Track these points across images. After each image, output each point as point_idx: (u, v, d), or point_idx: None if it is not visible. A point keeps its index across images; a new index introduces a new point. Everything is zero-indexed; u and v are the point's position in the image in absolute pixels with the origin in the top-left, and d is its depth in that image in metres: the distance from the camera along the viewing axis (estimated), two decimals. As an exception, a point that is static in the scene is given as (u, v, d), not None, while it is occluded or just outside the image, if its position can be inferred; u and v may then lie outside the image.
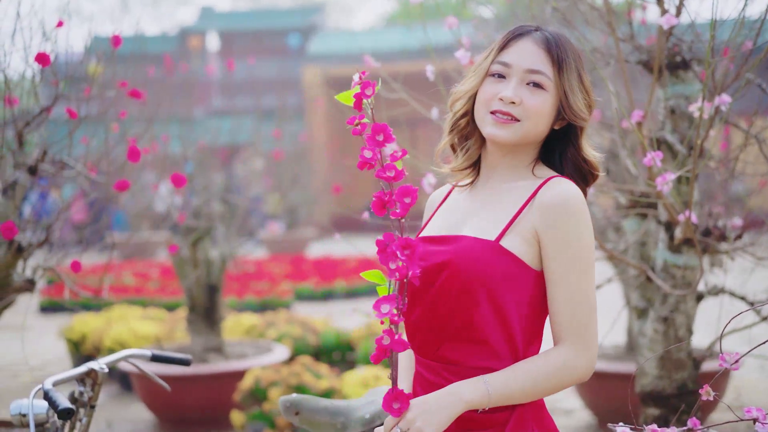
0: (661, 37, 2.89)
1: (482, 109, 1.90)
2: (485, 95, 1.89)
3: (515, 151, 1.93)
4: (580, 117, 1.90)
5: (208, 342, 6.19)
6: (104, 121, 4.36)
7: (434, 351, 1.87)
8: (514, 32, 1.92)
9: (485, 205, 1.93)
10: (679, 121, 3.22)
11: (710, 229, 3.28)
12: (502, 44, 1.91)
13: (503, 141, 1.88)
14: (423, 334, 1.88)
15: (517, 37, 1.90)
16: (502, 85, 1.88)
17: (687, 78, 3.22)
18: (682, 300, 3.29)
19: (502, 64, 1.89)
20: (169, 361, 2.61)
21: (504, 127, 1.87)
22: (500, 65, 1.89)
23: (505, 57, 1.89)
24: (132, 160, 3.34)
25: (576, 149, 1.94)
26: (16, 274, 3.64)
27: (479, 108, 1.91)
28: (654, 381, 3.35)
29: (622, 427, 1.98)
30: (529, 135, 1.89)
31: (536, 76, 1.87)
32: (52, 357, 8.54)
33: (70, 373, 2.32)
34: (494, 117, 1.87)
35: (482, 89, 1.90)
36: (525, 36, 1.90)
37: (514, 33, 1.92)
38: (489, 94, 1.89)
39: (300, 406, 2.26)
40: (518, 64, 1.88)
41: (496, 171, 1.95)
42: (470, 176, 2.00)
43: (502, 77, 1.89)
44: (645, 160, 2.60)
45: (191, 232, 6.15)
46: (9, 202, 3.63)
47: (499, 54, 1.90)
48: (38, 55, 3.46)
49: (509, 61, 1.88)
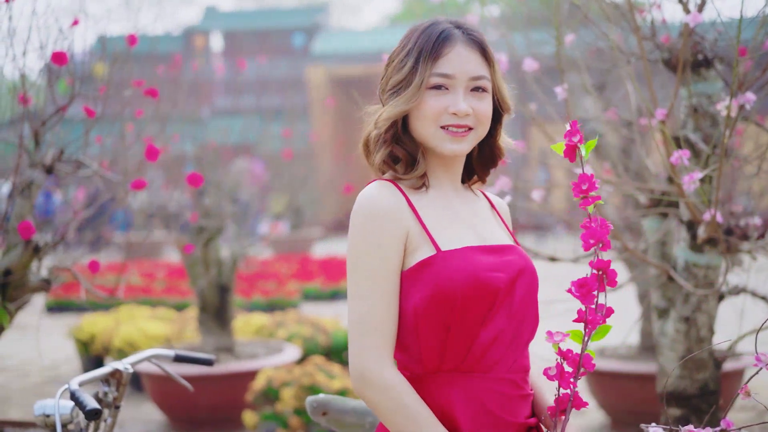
0: (685, 35, 2.87)
1: (430, 125, 1.82)
2: (432, 110, 1.81)
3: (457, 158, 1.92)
4: (509, 106, 1.92)
5: (219, 342, 6.17)
6: (117, 121, 4.35)
7: (512, 363, 1.82)
8: (440, 38, 1.81)
9: (474, 213, 1.92)
10: (702, 120, 3.19)
11: (732, 228, 3.26)
12: (434, 54, 1.81)
13: (462, 153, 1.86)
14: (504, 348, 1.80)
15: (446, 43, 1.81)
16: (447, 97, 1.81)
17: (709, 76, 3.20)
18: (704, 300, 3.27)
19: (443, 76, 1.81)
20: (192, 362, 2.59)
21: (462, 140, 1.84)
22: (441, 77, 1.81)
23: (444, 68, 1.81)
24: (150, 159, 3.33)
25: (495, 138, 1.95)
26: (31, 274, 3.62)
27: (425, 124, 1.82)
28: (676, 381, 3.33)
29: (655, 428, 1.97)
30: (480, 139, 1.89)
31: (480, 81, 1.84)
32: (60, 357, 8.53)
33: (95, 374, 2.31)
34: (448, 132, 1.82)
35: (425, 104, 1.81)
36: (454, 40, 1.82)
37: (440, 39, 1.81)
38: (435, 108, 1.81)
39: (328, 407, 2.24)
40: (461, 73, 1.81)
41: (441, 179, 1.90)
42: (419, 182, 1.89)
43: (444, 88, 1.82)
44: (672, 158, 2.58)
45: (202, 231, 6.13)
46: (25, 202, 3.62)
47: (435, 65, 1.81)
48: (55, 54, 3.44)
49: (451, 72, 1.81)
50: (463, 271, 1.75)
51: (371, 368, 1.73)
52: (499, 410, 1.78)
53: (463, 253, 1.78)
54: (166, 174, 8.84)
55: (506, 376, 1.80)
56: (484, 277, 1.76)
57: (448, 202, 1.88)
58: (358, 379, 1.74)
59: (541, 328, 1.84)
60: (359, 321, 1.76)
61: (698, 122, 3.19)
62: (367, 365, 1.73)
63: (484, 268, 1.77)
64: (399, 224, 1.78)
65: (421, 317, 1.75)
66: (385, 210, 1.78)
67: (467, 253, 1.79)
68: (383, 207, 1.78)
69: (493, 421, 1.78)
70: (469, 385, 1.77)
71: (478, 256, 1.79)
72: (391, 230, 1.77)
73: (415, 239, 1.78)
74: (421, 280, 1.76)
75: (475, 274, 1.75)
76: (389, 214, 1.78)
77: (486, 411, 1.77)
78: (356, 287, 1.77)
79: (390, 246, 1.76)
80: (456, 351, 1.76)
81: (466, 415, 1.76)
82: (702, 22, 2.98)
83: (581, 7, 3.28)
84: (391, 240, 1.77)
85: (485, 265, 1.78)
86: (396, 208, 1.79)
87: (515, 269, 1.82)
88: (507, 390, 1.80)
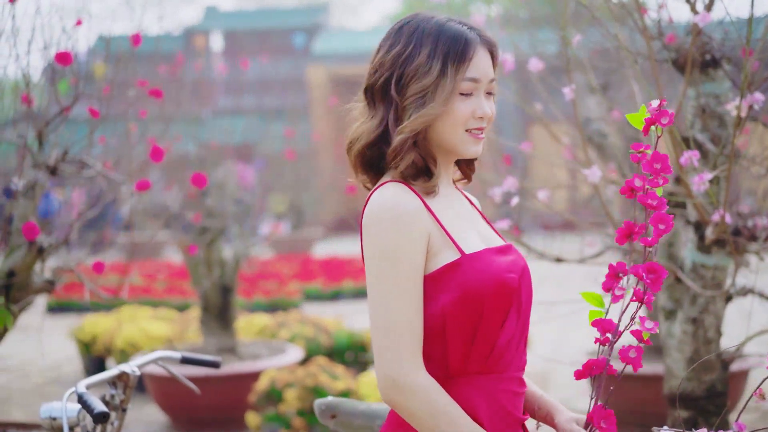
0: (694, 35, 2.85)
1: (458, 130, 1.82)
2: (462, 115, 1.81)
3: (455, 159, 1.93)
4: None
5: (222, 343, 6.16)
6: (120, 121, 4.33)
7: (519, 361, 1.86)
8: (466, 41, 1.81)
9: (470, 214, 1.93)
10: (709, 121, 3.18)
11: (740, 229, 3.25)
12: (463, 58, 1.80)
13: (480, 154, 1.88)
14: (514, 347, 1.83)
15: (471, 47, 1.81)
16: (473, 101, 1.82)
17: (717, 76, 3.18)
18: (711, 301, 3.26)
19: (473, 81, 1.81)
20: (199, 364, 2.58)
21: (481, 142, 1.86)
22: (471, 82, 1.81)
23: (472, 72, 1.81)
24: (155, 160, 3.31)
25: None
26: (35, 275, 3.61)
27: (454, 129, 1.82)
28: (683, 383, 3.31)
29: (667, 430, 1.96)
30: None
31: (493, 84, 1.86)
32: (62, 357, 8.52)
33: (102, 376, 2.30)
34: (471, 135, 1.84)
35: (456, 109, 1.81)
36: (475, 43, 1.81)
37: (466, 42, 1.81)
38: (465, 113, 1.81)
39: (337, 410, 2.23)
40: (484, 76, 1.83)
41: (443, 181, 1.91)
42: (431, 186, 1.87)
43: (470, 92, 1.82)
44: (681, 159, 2.56)
45: (204, 232, 6.12)
46: (29, 203, 3.60)
47: (466, 70, 1.80)
48: (59, 55, 3.43)
49: (478, 76, 1.81)
50: (488, 273, 1.76)
51: (406, 372, 1.71)
52: (512, 408, 1.83)
53: (484, 256, 1.79)
54: (165, 174, 8.82)
55: (516, 374, 1.85)
56: (506, 279, 1.78)
57: (451, 204, 1.89)
58: (390, 386, 1.72)
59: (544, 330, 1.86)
60: (387, 326, 1.73)
61: (706, 122, 3.18)
62: (400, 371, 1.71)
63: (503, 270, 1.79)
64: (422, 226, 1.76)
65: (449, 320, 1.75)
66: (409, 212, 1.76)
67: (486, 255, 1.80)
68: (407, 209, 1.76)
69: (509, 419, 1.81)
70: (490, 385, 1.79)
71: (495, 257, 1.81)
72: (416, 232, 1.75)
73: (436, 242, 1.77)
74: (447, 284, 1.75)
75: (498, 276, 1.77)
76: (413, 216, 1.76)
77: (504, 410, 1.81)
78: (381, 291, 1.74)
79: (416, 248, 1.75)
80: (480, 353, 1.77)
81: (488, 415, 1.78)
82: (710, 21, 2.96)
83: (589, 8, 3.27)
84: (416, 242, 1.75)
85: (503, 267, 1.80)
86: (417, 210, 1.77)
87: (520, 269, 1.84)
88: (516, 388, 1.85)
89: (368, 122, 1.85)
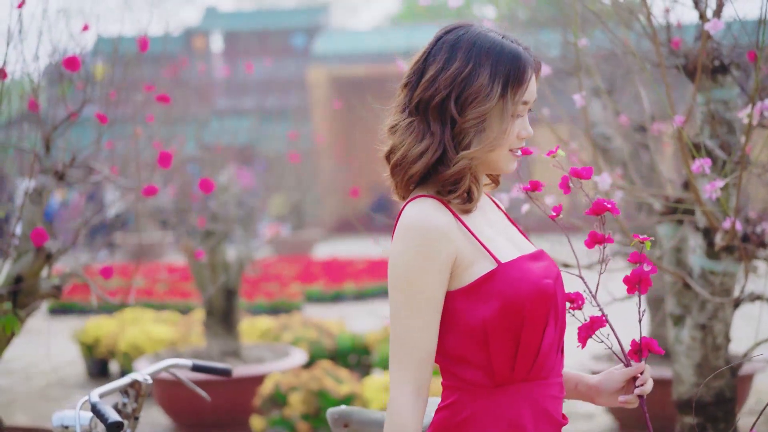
0: (703, 41, 2.85)
1: (504, 150, 1.83)
2: (512, 137, 1.83)
3: None
4: None
5: (226, 346, 6.15)
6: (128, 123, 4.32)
7: (559, 366, 1.87)
8: (523, 64, 1.81)
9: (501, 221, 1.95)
10: (718, 127, 3.18)
11: (748, 235, 3.25)
12: (520, 81, 1.80)
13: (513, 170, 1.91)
14: (554, 352, 1.85)
15: (527, 69, 1.81)
16: (519, 122, 1.84)
17: (726, 82, 3.18)
18: (720, 307, 3.26)
19: (524, 104, 1.83)
20: (210, 372, 2.58)
21: (516, 159, 1.88)
22: (523, 105, 1.83)
23: (527, 96, 1.82)
24: (163, 166, 3.31)
25: None
26: (42, 281, 3.60)
27: (501, 149, 1.83)
28: (691, 389, 3.31)
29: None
30: None
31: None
32: (64, 360, 8.51)
33: (114, 385, 2.30)
34: (512, 153, 1.85)
35: (508, 132, 1.82)
36: (528, 65, 1.82)
37: (523, 65, 1.81)
38: (513, 134, 1.83)
39: (349, 418, 2.22)
40: (533, 99, 1.85)
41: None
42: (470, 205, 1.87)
43: (520, 115, 1.85)
44: (693, 167, 2.56)
45: (209, 235, 6.11)
46: (36, 209, 3.60)
47: (522, 93, 1.81)
48: (67, 60, 3.42)
49: (529, 99, 1.83)
50: (526, 281, 1.77)
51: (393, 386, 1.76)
52: (554, 412, 1.84)
53: (520, 263, 1.80)
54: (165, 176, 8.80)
55: (556, 380, 1.86)
56: (543, 285, 1.79)
57: (484, 213, 1.89)
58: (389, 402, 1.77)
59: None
60: (393, 339, 1.77)
61: (715, 129, 3.18)
62: (390, 381, 1.76)
63: (540, 276, 1.80)
64: (452, 244, 1.76)
65: (490, 330, 1.76)
66: (441, 230, 1.76)
67: (522, 263, 1.81)
68: (437, 225, 1.76)
69: (551, 424, 1.83)
70: (534, 392, 1.81)
71: (530, 264, 1.82)
72: (445, 252, 1.75)
73: (468, 255, 1.78)
74: (485, 294, 1.76)
75: (536, 283, 1.78)
76: (445, 234, 1.76)
77: (548, 415, 1.82)
78: (395, 306, 1.77)
79: (443, 269, 1.75)
80: (525, 360, 1.78)
81: (533, 422, 1.80)
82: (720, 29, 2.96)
83: (597, 13, 3.26)
84: (444, 262, 1.75)
85: (540, 273, 1.81)
86: (447, 226, 1.77)
87: (554, 274, 1.86)
88: (557, 393, 1.86)
89: (424, 141, 1.80)
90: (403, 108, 1.85)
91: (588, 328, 1.83)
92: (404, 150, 1.81)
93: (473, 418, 1.79)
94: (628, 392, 1.88)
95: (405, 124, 1.83)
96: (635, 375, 1.85)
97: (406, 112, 1.84)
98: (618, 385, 1.89)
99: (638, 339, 1.84)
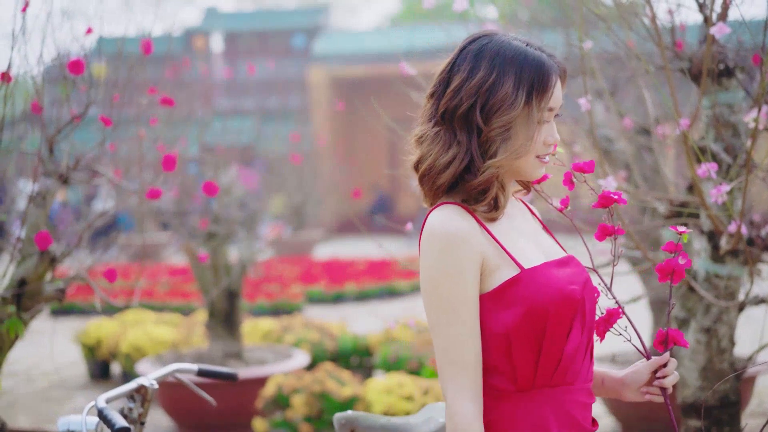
0: (708, 45, 2.85)
1: (531, 156, 1.84)
2: (538, 144, 1.84)
3: None
4: None
5: (228, 347, 6.15)
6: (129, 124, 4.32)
7: (587, 372, 1.87)
8: (547, 71, 1.81)
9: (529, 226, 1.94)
10: (723, 130, 3.17)
11: (753, 239, 3.24)
12: (545, 88, 1.81)
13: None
14: (581, 358, 1.85)
15: (551, 76, 1.82)
16: (546, 127, 1.85)
17: (730, 86, 3.18)
18: (725, 311, 3.25)
19: (550, 110, 1.84)
20: (216, 377, 2.57)
21: (545, 165, 1.89)
22: (549, 112, 1.84)
23: (552, 102, 1.83)
24: (167, 169, 3.30)
25: None
26: (46, 284, 3.60)
27: (527, 156, 1.84)
28: (696, 392, 3.31)
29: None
30: None
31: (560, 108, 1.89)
32: (66, 361, 8.50)
33: (121, 390, 2.29)
34: (540, 159, 1.86)
35: (534, 139, 1.83)
36: (553, 72, 1.83)
37: (548, 73, 1.81)
38: (540, 141, 1.84)
39: (356, 424, 2.22)
40: (558, 105, 1.86)
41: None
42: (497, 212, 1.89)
43: (546, 122, 1.85)
44: (699, 171, 2.55)
45: (211, 237, 6.11)
46: (40, 212, 3.60)
47: (548, 100, 1.82)
48: (71, 63, 3.42)
49: (554, 105, 1.84)
50: (550, 287, 1.78)
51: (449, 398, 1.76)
52: (581, 419, 1.84)
53: (544, 270, 1.81)
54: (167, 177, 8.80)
55: (584, 385, 1.86)
56: (568, 291, 1.79)
57: (511, 220, 1.90)
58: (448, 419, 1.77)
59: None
60: (439, 351, 1.78)
61: (719, 132, 3.17)
62: (445, 393, 1.77)
63: (564, 282, 1.80)
64: (475, 249, 1.77)
65: (513, 336, 1.77)
66: (462, 235, 1.77)
67: (546, 269, 1.81)
68: (458, 229, 1.77)
69: (579, 430, 1.83)
70: (559, 398, 1.81)
71: (554, 270, 1.82)
72: (469, 256, 1.76)
73: (492, 261, 1.78)
74: (508, 300, 1.77)
75: (560, 289, 1.78)
76: (466, 239, 1.77)
77: (574, 422, 1.83)
78: (433, 317, 1.78)
79: (470, 272, 1.76)
80: (547, 366, 1.79)
81: (558, 428, 1.80)
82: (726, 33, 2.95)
83: (601, 16, 3.26)
84: (470, 266, 1.76)
85: (564, 279, 1.81)
86: (471, 232, 1.78)
87: (582, 280, 1.86)
88: (585, 399, 1.86)
89: (451, 150, 1.82)
90: (429, 118, 1.86)
91: (605, 321, 1.84)
92: (432, 160, 1.83)
93: (496, 421, 1.79)
94: (651, 386, 1.88)
95: (432, 134, 1.84)
96: (659, 367, 1.86)
97: (432, 122, 1.85)
98: (644, 378, 1.89)
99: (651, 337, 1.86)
